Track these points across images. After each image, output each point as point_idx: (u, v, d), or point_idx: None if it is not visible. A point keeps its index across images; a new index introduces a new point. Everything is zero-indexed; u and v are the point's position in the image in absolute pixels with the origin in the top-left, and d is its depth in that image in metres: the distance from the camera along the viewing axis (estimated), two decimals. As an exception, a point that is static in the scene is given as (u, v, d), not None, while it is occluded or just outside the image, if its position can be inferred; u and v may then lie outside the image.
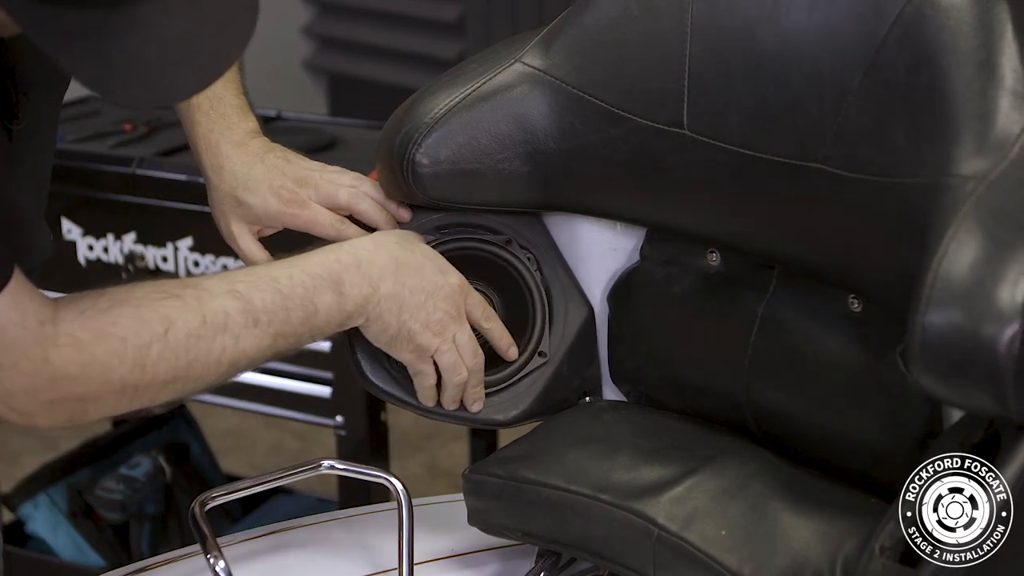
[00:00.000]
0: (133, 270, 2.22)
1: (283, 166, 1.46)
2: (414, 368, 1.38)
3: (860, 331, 1.32)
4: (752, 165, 1.33)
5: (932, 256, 1.11)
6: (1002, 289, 1.07)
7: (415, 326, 1.35)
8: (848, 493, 1.33)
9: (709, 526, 1.28)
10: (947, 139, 1.19)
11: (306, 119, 2.57)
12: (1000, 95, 1.18)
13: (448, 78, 1.47)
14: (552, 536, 1.39)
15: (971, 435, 1.18)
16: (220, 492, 1.38)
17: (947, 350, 1.08)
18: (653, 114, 1.38)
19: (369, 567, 1.44)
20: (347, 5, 3.81)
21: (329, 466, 1.44)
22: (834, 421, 1.35)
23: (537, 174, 1.44)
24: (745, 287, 1.41)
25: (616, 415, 1.49)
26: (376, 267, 1.33)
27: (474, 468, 1.43)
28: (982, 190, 1.14)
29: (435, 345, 1.37)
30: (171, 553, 1.48)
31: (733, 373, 1.41)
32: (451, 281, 1.38)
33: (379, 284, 1.33)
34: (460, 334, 1.38)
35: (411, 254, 1.36)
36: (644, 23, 1.39)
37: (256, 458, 3.04)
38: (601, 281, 1.51)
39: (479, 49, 1.55)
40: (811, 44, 1.30)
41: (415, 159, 1.41)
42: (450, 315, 1.37)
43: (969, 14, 1.22)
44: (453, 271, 1.39)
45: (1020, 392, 1.07)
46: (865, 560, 1.17)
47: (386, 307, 1.34)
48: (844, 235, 1.28)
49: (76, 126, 2.46)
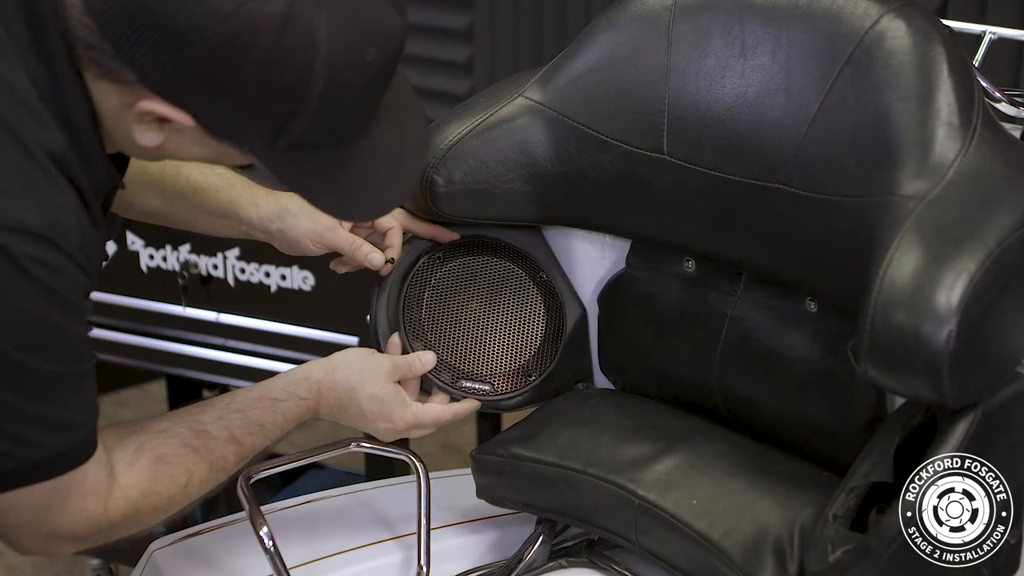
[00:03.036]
0: (188, 276, 2.21)
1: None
2: None
3: (816, 328, 1.31)
4: (723, 185, 1.33)
5: (879, 264, 1.10)
6: (939, 293, 1.06)
7: (375, 428, 1.37)
8: (805, 468, 1.32)
9: (682, 496, 1.28)
10: (891, 164, 1.18)
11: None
12: (937, 126, 1.18)
13: (460, 110, 1.46)
14: (548, 506, 1.38)
15: (912, 419, 1.17)
16: (262, 467, 1.37)
17: (892, 346, 1.08)
18: (637, 141, 1.38)
19: (392, 531, 1.43)
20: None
21: (357, 444, 1.44)
22: (793, 406, 1.34)
23: (537, 193, 1.43)
24: (717, 290, 1.40)
25: (603, 400, 1.48)
26: (327, 412, 1.36)
27: (480, 449, 1.42)
28: (922, 208, 1.13)
29: (392, 429, 1.37)
30: (220, 519, 1.47)
31: (706, 365, 1.41)
32: (379, 415, 1.36)
33: (332, 416, 1.36)
34: (410, 432, 1.39)
35: (350, 400, 1.35)
36: (630, 63, 1.38)
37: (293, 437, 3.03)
38: (592, 285, 1.50)
39: (486, 86, 1.55)
40: (774, 81, 1.30)
41: (432, 180, 1.41)
42: (393, 428, 1.37)
43: (910, 55, 1.21)
44: (387, 413, 1.36)
45: (955, 382, 1.06)
46: (820, 526, 1.16)
47: (344, 423, 1.37)
48: (802, 246, 1.27)
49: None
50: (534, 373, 1.47)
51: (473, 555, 1.42)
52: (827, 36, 1.26)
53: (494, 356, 1.45)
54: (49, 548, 1.14)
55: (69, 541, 1.15)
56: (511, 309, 1.47)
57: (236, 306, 2.18)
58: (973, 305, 1.06)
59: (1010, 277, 1.09)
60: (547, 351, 1.47)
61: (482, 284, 1.45)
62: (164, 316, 2.26)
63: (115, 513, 1.15)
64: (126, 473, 1.16)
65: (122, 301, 2.21)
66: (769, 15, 1.31)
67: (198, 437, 1.22)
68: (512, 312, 1.47)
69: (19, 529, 1.12)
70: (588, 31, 1.42)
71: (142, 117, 1.07)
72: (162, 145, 1.10)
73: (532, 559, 1.39)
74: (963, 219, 1.12)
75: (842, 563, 1.11)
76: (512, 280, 1.48)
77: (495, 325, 1.46)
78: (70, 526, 1.12)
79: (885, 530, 1.08)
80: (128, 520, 1.16)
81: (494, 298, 1.47)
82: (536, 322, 1.47)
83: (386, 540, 1.42)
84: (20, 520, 1.11)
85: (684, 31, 1.35)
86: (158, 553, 1.43)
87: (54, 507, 1.10)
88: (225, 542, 1.43)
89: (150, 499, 1.17)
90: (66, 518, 1.12)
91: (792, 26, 1.29)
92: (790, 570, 1.20)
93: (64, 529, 1.13)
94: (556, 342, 1.48)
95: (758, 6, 1.32)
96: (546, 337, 1.48)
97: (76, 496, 1.11)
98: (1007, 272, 1.09)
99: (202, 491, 1.23)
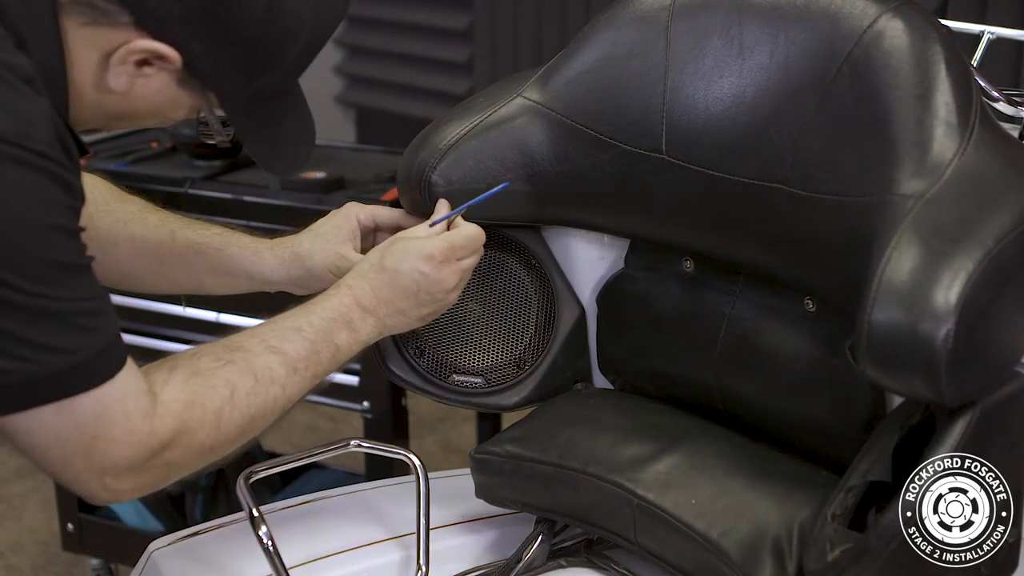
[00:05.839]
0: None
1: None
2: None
3: (814, 328, 1.31)
4: (721, 185, 1.33)
5: (877, 263, 1.10)
6: (937, 292, 1.06)
7: (426, 312, 1.34)
8: (803, 467, 1.33)
9: (681, 496, 1.28)
10: (889, 163, 1.18)
11: (335, 146, 2.56)
12: (935, 125, 1.18)
13: (459, 110, 1.46)
14: (547, 506, 1.39)
15: (910, 418, 1.17)
16: (262, 467, 1.38)
17: (890, 345, 1.08)
18: (636, 141, 1.38)
19: (391, 531, 1.43)
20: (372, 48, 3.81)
21: (356, 444, 1.44)
22: (791, 405, 1.34)
23: (536, 193, 1.43)
24: (715, 290, 1.40)
25: (602, 400, 1.49)
26: (368, 298, 1.30)
27: (479, 449, 1.42)
28: (920, 207, 1.13)
29: (451, 299, 1.35)
30: (220, 519, 1.47)
31: (705, 364, 1.41)
32: (423, 269, 1.32)
33: (377, 310, 1.30)
34: (461, 278, 1.35)
35: (390, 269, 1.32)
36: (628, 63, 1.38)
37: (293, 437, 3.03)
38: (591, 285, 1.50)
39: (486, 85, 1.55)
40: (772, 81, 1.30)
41: (431, 180, 1.41)
42: (444, 287, 1.33)
43: (908, 54, 1.21)
44: (427, 251, 1.32)
45: (952, 381, 1.07)
46: (819, 526, 1.16)
47: (392, 323, 1.32)
48: (801, 245, 1.27)
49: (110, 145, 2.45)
50: (527, 363, 1.46)
51: (472, 555, 1.42)
52: (825, 36, 1.26)
53: (486, 349, 1.45)
54: (109, 487, 1.10)
55: (128, 474, 1.10)
56: (501, 300, 1.47)
57: (236, 306, 2.18)
58: (971, 304, 1.06)
59: (1008, 276, 1.09)
60: (539, 341, 1.47)
61: (473, 277, 1.44)
62: (164, 316, 2.26)
63: (163, 429, 1.11)
64: (164, 390, 1.12)
65: (122, 301, 2.21)
66: (767, 15, 1.31)
67: (232, 352, 1.19)
68: (502, 302, 1.47)
69: (72, 464, 1.08)
70: (587, 31, 1.42)
71: (127, 57, 1.11)
72: (128, 91, 1.13)
73: (531, 559, 1.39)
74: (961, 218, 1.12)
75: (840, 562, 1.11)
76: (502, 271, 1.47)
77: (487, 317, 1.46)
78: (123, 453, 1.09)
79: (884, 529, 1.08)
80: (179, 437, 1.12)
81: (485, 290, 1.46)
82: (527, 310, 1.47)
83: (385, 540, 1.42)
84: (69, 451, 1.07)
85: (682, 31, 1.35)
86: (157, 553, 1.43)
87: (101, 432, 1.07)
88: (225, 542, 1.43)
89: (195, 411, 1.13)
90: (116, 445, 1.08)
91: (790, 26, 1.29)
92: (789, 569, 1.20)
93: (118, 457, 1.09)
94: (548, 330, 1.48)
95: (756, 6, 1.32)
96: (538, 325, 1.47)
97: (120, 416, 1.08)
98: (1005, 271, 1.09)
99: (255, 404, 1.18)
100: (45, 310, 1.03)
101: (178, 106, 1.18)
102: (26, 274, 1.02)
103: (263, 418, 1.20)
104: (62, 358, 1.04)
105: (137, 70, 1.12)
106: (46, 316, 1.03)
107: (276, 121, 1.21)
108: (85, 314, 1.06)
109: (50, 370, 1.04)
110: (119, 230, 1.41)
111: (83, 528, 2.42)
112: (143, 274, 1.44)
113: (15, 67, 1.05)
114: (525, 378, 1.47)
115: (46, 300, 1.03)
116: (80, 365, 1.05)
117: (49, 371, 1.04)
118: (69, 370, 1.05)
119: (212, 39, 1.11)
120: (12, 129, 1.01)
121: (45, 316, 1.03)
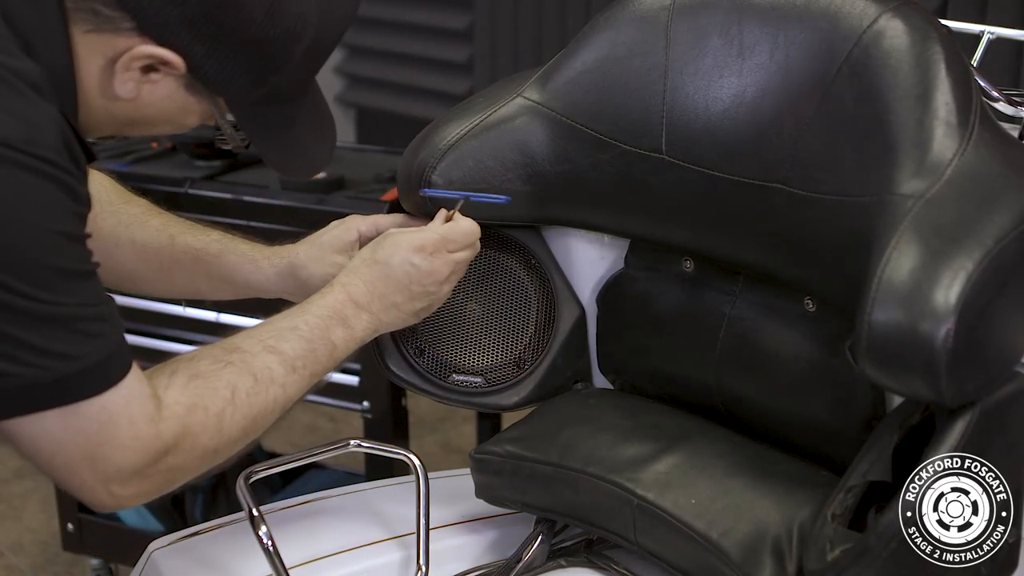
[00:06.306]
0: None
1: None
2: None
3: (814, 328, 1.31)
4: (721, 185, 1.33)
5: (877, 263, 1.10)
6: (937, 291, 1.06)
7: (419, 305, 1.34)
8: (803, 467, 1.33)
9: (681, 496, 1.28)
10: (889, 163, 1.18)
11: (336, 145, 2.56)
12: (935, 125, 1.18)
13: (459, 110, 1.46)
14: (547, 506, 1.39)
15: (910, 418, 1.17)
16: (262, 467, 1.37)
17: (890, 345, 1.08)
18: (636, 141, 1.38)
19: (391, 531, 1.43)
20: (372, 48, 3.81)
21: (356, 444, 1.43)
22: (791, 405, 1.34)
23: (536, 193, 1.43)
24: (715, 290, 1.40)
25: (602, 400, 1.48)
26: (361, 293, 1.30)
27: (479, 449, 1.42)
28: (920, 207, 1.13)
29: (444, 292, 1.35)
30: (220, 519, 1.47)
31: (705, 364, 1.41)
32: (414, 260, 1.32)
33: (371, 305, 1.31)
34: (454, 271, 1.35)
35: (381, 262, 1.32)
36: (628, 63, 1.38)
37: (293, 437, 3.03)
38: (591, 285, 1.50)
39: (486, 85, 1.55)
40: (772, 81, 1.30)
41: (431, 180, 1.41)
42: (436, 279, 1.33)
43: (908, 54, 1.21)
44: (418, 243, 1.32)
45: (952, 381, 1.06)
46: (819, 526, 1.16)
47: (387, 319, 1.33)
48: (800, 245, 1.27)
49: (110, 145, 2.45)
50: (527, 363, 1.46)
51: (472, 555, 1.42)
52: (825, 36, 1.26)
53: (486, 349, 1.45)
54: (115, 494, 1.10)
55: (132, 480, 1.10)
56: (501, 299, 1.47)
57: (236, 306, 2.17)
58: (971, 304, 1.06)
59: (1008, 276, 1.09)
60: (539, 340, 1.47)
61: (472, 277, 1.44)
62: (164, 316, 2.26)
63: (167, 433, 1.11)
64: (166, 393, 1.13)
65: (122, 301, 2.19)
66: (767, 15, 1.31)
67: (230, 353, 1.19)
68: (502, 302, 1.47)
69: (78, 472, 1.08)
70: (586, 31, 1.42)
71: (131, 64, 1.11)
72: (135, 98, 1.13)
73: (531, 559, 1.39)
74: (961, 218, 1.12)
75: (840, 562, 1.11)
76: (502, 271, 1.47)
77: (487, 317, 1.46)
78: (128, 458, 1.09)
79: (884, 529, 1.08)
80: (182, 441, 1.12)
81: (485, 290, 1.46)
82: (527, 310, 1.47)
83: (385, 540, 1.42)
84: (74, 457, 1.07)
85: (682, 31, 1.36)
86: (157, 553, 1.43)
87: (106, 438, 1.07)
88: (225, 542, 1.43)
89: (197, 414, 1.13)
90: (121, 450, 1.08)
91: (790, 26, 1.29)
92: (789, 569, 1.20)
93: (124, 463, 1.09)
94: (548, 330, 1.48)
95: (756, 6, 1.32)
96: (538, 324, 1.47)
97: (125, 422, 1.08)
98: (1005, 271, 1.09)
99: (256, 404, 1.19)
100: (50, 316, 1.03)
101: (189, 112, 1.17)
102: (31, 279, 1.02)
103: (264, 418, 1.21)
104: (67, 364, 1.04)
105: (143, 76, 1.12)
106: (50, 322, 1.03)
107: (289, 124, 1.21)
108: (90, 320, 1.06)
109: (54, 375, 1.04)
110: (121, 232, 1.42)
111: (83, 528, 2.42)
112: (143, 277, 1.45)
113: (22, 72, 1.05)
114: (525, 378, 1.47)
115: (51, 306, 1.03)
116: (85, 371, 1.05)
117: (53, 376, 1.04)
118: (74, 376, 1.05)
119: (214, 43, 1.11)
120: (19, 135, 1.01)
121: (49, 322, 1.03)
